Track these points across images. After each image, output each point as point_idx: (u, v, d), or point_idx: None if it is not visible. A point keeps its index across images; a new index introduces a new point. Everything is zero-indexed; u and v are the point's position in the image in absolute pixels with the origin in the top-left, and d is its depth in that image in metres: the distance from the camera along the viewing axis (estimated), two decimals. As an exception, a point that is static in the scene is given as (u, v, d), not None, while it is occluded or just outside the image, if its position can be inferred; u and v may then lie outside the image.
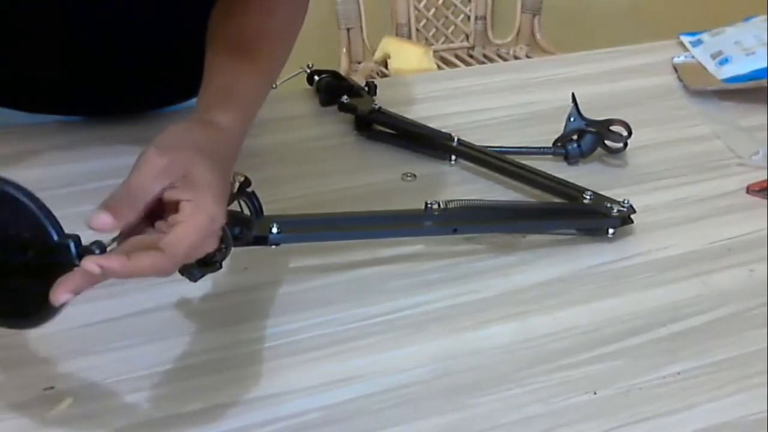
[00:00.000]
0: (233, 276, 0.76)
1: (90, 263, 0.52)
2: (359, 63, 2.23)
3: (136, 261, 0.54)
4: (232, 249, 0.69)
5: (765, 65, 1.08)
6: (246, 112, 0.70)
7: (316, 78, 1.07)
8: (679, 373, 0.67)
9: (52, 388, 0.65)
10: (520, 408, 0.64)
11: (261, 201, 0.70)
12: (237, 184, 0.67)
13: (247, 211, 0.70)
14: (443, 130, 0.95)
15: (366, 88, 1.04)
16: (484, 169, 0.92)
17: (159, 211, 0.58)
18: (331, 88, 1.04)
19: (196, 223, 0.56)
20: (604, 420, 0.63)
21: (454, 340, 0.71)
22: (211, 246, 0.60)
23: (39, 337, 0.69)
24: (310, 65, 1.08)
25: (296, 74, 1.07)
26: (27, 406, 0.63)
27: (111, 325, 0.71)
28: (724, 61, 1.12)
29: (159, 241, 0.55)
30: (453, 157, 0.93)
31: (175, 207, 0.57)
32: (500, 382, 0.66)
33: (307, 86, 1.08)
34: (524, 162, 0.91)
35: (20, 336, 0.69)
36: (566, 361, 0.68)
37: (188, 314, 0.73)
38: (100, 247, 0.55)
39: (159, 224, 0.58)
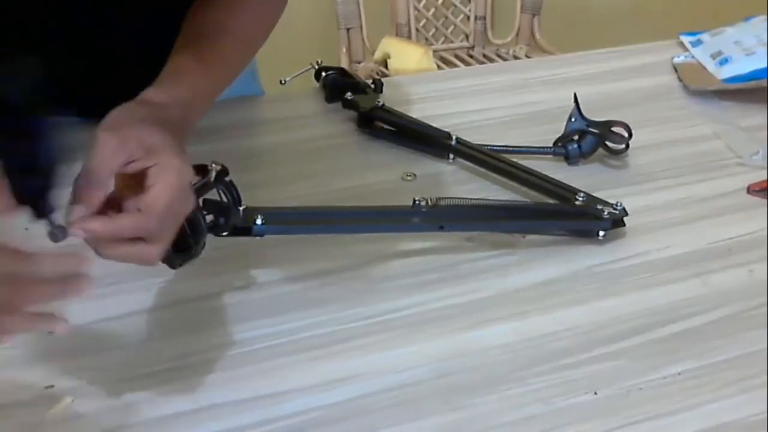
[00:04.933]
0: (232, 275, 0.76)
1: (75, 229, 0.56)
2: (359, 63, 2.23)
3: (116, 221, 0.58)
4: (229, 246, 0.69)
5: (765, 65, 1.07)
6: (184, 96, 0.71)
7: (323, 74, 1.07)
8: (679, 374, 0.67)
9: (52, 386, 0.65)
10: (520, 408, 0.64)
11: (240, 192, 0.71)
12: (214, 173, 0.67)
13: (225, 201, 0.71)
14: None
15: (372, 85, 1.04)
16: (481, 169, 0.92)
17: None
18: (337, 85, 1.04)
19: (166, 181, 0.59)
20: (604, 420, 0.63)
21: (454, 339, 0.71)
22: (189, 203, 0.63)
23: (40, 336, 0.69)
24: (319, 62, 1.08)
25: (305, 71, 1.07)
26: (27, 405, 0.63)
27: (111, 325, 0.71)
28: (724, 61, 1.11)
29: (136, 202, 0.59)
30: (451, 156, 0.94)
31: (142, 182, 0.60)
32: (500, 382, 0.66)
33: (313, 84, 1.08)
34: (524, 162, 0.91)
35: (21, 335, 0.69)
36: (566, 361, 0.68)
37: (187, 314, 0.73)
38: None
39: (127, 204, 0.60)
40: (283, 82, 1.05)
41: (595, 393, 0.66)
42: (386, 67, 2.15)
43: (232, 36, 0.79)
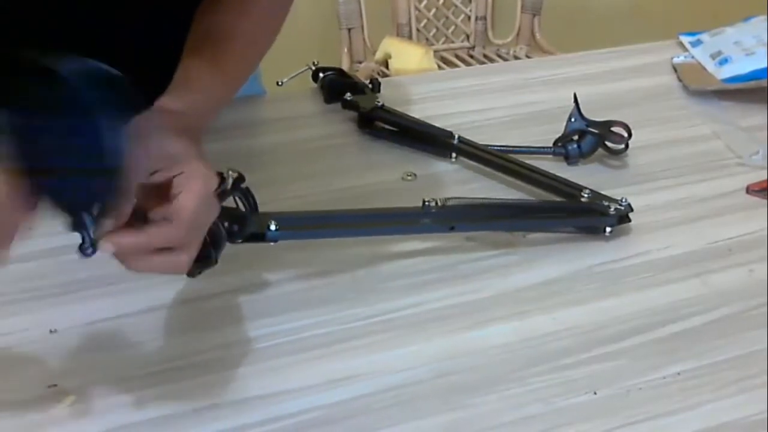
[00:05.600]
0: (234, 275, 0.76)
1: (106, 243, 0.56)
2: (360, 63, 2.23)
3: (145, 233, 0.57)
4: (233, 246, 0.69)
5: (765, 65, 1.07)
6: (198, 102, 0.71)
7: (321, 75, 1.07)
8: (679, 374, 0.67)
9: (55, 385, 0.65)
10: (519, 408, 0.64)
11: (256, 197, 0.71)
12: (231, 180, 0.68)
13: (242, 208, 0.71)
14: (443, 130, 0.95)
15: (370, 86, 1.04)
16: (484, 168, 0.92)
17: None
18: (335, 86, 1.04)
19: (193, 189, 0.59)
20: (604, 420, 0.63)
21: (454, 339, 0.71)
22: (214, 210, 0.63)
23: (43, 335, 0.69)
24: (316, 62, 1.08)
25: (302, 71, 1.07)
26: (30, 404, 0.63)
27: (113, 324, 0.71)
28: (724, 61, 1.12)
29: (164, 213, 0.58)
30: (453, 155, 0.94)
31: (166, 192, 0.59)
32: (500, 382, 0.66)
33: (312, 84, 1.08)
34: (524, 161, 0.91)
35: (24, 334, 0.69)
36: (566, 361, 0.69)
37: (189, 313, 0.73)
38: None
39: (153, 214, 0.59)
40: (280, 83, 1.05)
41: (595, 393, 0.66)
42: (387, 67, 2.15)
43: (240, 40, 0.79)
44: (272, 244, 0.73)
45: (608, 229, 0.82)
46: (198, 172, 0.60)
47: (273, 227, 0.72)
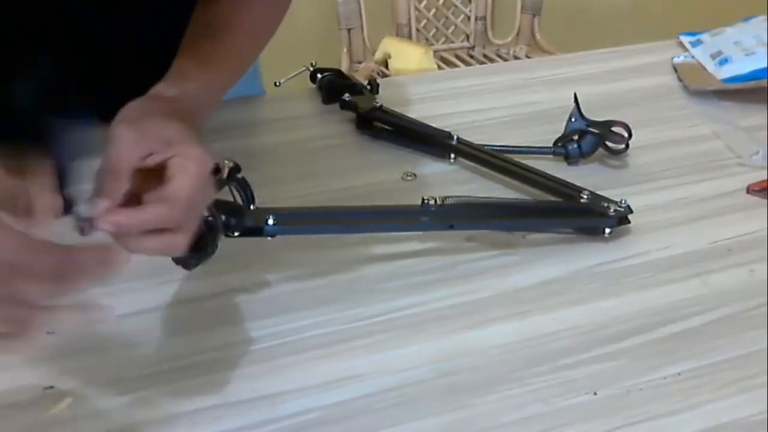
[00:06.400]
0: (232, 275, 0.76)
1: (103, 222, 0.56)
2: (360, 63, 2.23)
3: (142, 212, 0.57)
4: (232, 246, 0.69)
5: (765, 65, 1.07)
6: (195, 89, 0.71)
7: (319, 76, 1.07)
8: (679, 374, 0.67)
9: (52, 387, 0.65)
10: (519, 408, 0.64)
11: (252, 188, 0.71)
12: (227, 170, 0.67)
13: (239, 200, 0.70)
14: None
15: (368, 86, 1.04)
16: (483, 168, 0.92)
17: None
18: (334, 86, 1.04)
19: (188, 170, 0.59)
20: (604, 420, 0.63)
21: (454, 339, 0.71)
22: (210, 191, 0.63)
23: (39, 335, 0.69)
24: (314, 63, 1.08)
25: (299, 72, 1.07)
26: (27, 406, 0.63)
27: (112, 324, 0.71)
28: (724, 61, 1.12)
29: (160, 193, 0.58)
30: (452, 156, 0.94)
31: (162, 175, 0.59)
32: (500, 382, 0.66)
33: (310, 85, 1.08)
34: (524, 162, 0.91)
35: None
36: (566, 361, 0.68)
37: (187, 314, 0.73)
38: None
39: (149, 197, 0.59)
40: (277, 84, 1.05)
41: (595, 393, 0.66)
42: (387, 67, 2.15)
43: (239, 32, 0.79)
44: (271, 241, 0.72)
45: (607, 231, 0.82)
46: (193, 154, 0.60)
47: (271, 222, 0.72)
